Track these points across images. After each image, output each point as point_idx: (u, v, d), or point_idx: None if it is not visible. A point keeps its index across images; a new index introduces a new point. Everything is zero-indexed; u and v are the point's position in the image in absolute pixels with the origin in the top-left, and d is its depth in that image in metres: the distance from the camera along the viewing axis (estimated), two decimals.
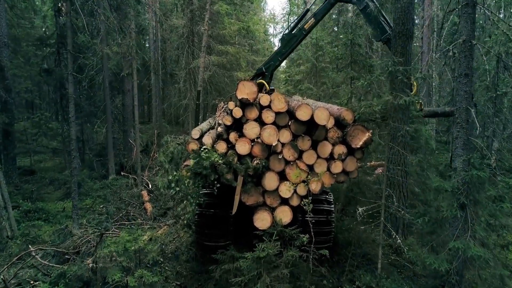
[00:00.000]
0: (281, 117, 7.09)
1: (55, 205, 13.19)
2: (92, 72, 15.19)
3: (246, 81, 7.03)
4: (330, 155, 7.25)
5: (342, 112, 7.09)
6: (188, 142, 7.18)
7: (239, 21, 22.96)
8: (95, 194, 13.97)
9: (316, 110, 6.67)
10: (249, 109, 7.11)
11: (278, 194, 7.22)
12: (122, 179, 16.02)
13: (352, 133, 7.05)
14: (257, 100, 7.16)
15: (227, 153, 7.03)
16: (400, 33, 9.09)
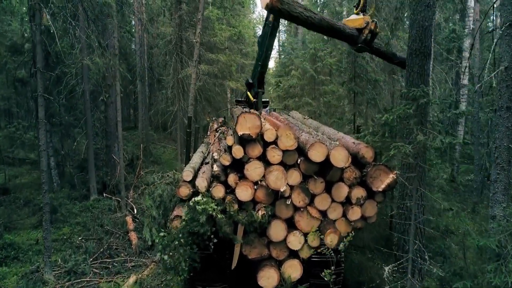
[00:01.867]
0: (289, 154, 5.99)
1: (29, 234, 11.82)
2: (72, 82, 13.83)
3: (248, 114, 5.91)
4: (346, 198, 6.20)
5: (361, 149, 6.03)
6: (179, 186, 6.02)
7: (230, 25, 21.83)
8: (73, 220, 12.63)
9: (332, 150, 5.59)
10: (251, 145, 6.00)
11: (285, 245, 6.13)
12: (104, 200, 14.68)
13: (373, 174, 6.00)
14: (260, 134, 6.05)
15: (225, 199, 5.90)
16: (417, 51, 8.08)
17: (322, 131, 8.34)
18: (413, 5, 8.02)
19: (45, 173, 8.30)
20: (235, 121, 5.88)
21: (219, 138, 8.22)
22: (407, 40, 8.42)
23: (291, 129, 6.37)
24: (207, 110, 21.87)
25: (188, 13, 17.18)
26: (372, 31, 8.68)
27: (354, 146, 6.22)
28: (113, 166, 16.30)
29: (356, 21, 8.62)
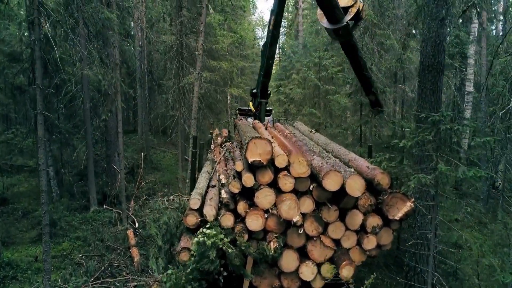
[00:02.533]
0: (301, 181, 5.72)
1: (27, 250, 11.52)
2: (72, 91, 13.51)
3: (258, 139, 5.62)
4: (361, 225, 5.93)
5: (377, 175, 5.75)
6: (186, 214, 5.73)
7: (231, 30, 21.55)
8: (73, 234, 12.32)
9: (348, 179, 5.32)
10: (262, 172, 5.71)
11: (297, 275, 5.85)
12: (105, 212, 14.38)
13: (389, 202, 5.73)
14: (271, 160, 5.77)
15: (235, 229, 5.62)
16: (429, 66, 7.82)
17: (331, 149, 8.08)
18: (426, 21, 7.76)
19: (45, 194, 8.00)
20: (245, 147, 5.60)
21: (225, 157, 7.93)
22: (419, 55, 8.14)
23: (304, 155, 6.07)
24: (208, 117, 21.61)
25: (190, 19, 16.88)
26: (359, 13, 8.25)
27: (368, 171, 5.94)
28: (113, 175, 16.00)
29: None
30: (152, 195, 16.01)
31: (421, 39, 7.99)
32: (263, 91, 13.06)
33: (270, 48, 11.93)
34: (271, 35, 11.69)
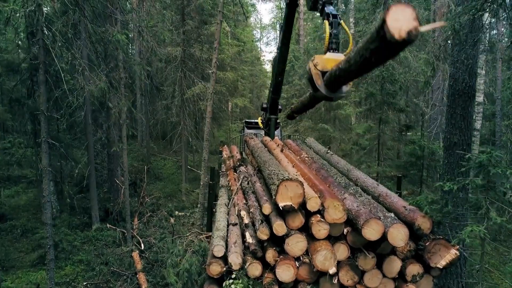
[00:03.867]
0: (335, 226, 5.24)
1: (28, 275, 10.97)
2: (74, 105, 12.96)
3: (289, 181, 5.13)
4: (399, 273, 5.45)
5: (417, 219, 5.27)
6: (210, 263, 5.23)
7: (234, 38, 21.07)
8: (76, 257, 11.79)
9: (390, 227, 4.84)
10: (292, 216, 5.22)
11: None
12: (107, 230, 13.84)
13: (431, 249, 5.26)
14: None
15: (263, 279, 5.13)
16: (460, 91, 7.38)
17: (355, 178, 7.59)
18: (457, 43, 7.32)
19: (49, 226, 7.47)
20: (275, 190, 5.09)
21: (243, 188, 7.43)
22: (448, 79, 7.70)
23: (333, 192, 5.59)
24: (212, 127, 21.10)
25: (194, 28, 16.36)
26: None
27: (406, 213, 5.46)
28: (116, 190, 15.46)
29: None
30: (156, 210, 15.51)
31: (450, 62, 7.54)
32: (273, 107, 12.61)
33: (279, 65, 11.47)
34: (280, 52, 11.22)
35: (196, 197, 17.30)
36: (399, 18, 4.10)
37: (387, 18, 3.79)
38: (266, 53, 77.44)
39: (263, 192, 6.25)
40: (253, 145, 9.74)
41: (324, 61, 6.53)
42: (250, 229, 5.63)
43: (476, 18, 6.03)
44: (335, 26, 6.56)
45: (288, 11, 10.59)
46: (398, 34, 3.72)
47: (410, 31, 3.57)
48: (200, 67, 16.52)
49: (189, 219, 15.38)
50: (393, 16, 4.00)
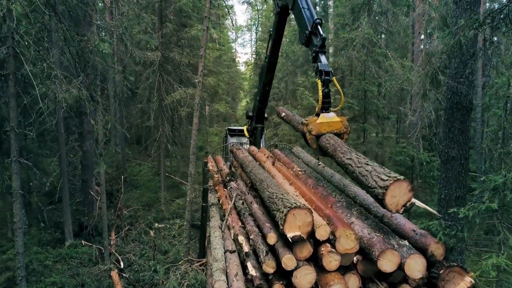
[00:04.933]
0: (346, 256, 4.87)
1: None
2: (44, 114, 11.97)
3: (298, 209, 4.71)
4: None
5: (430, 245, 4.98)
6: None
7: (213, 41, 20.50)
8: (48, 279, 10.86)
9: (408, 258, 4.52)
10: (300, 246, 4.79)
11: None
12: (82, 246, 12.93)
13: (445, 277, 5.00)
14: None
15: None
16: (458, 104, 7.25)
17: (353, 194, 7.28)
18: (457, 55, 7.16)
19: (21, 256, 6.68)
20: (282, 220, 4.66)
21: (237, 208, 6.95)
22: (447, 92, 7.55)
23: (339, 216, 5.22)
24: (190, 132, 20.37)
25: (174, 31, 15.69)
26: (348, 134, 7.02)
27: (417, 238, 5.16)
28: (91, 203, 14.52)
29: (333, 125, 6.10)
30: (135, 223, 14.70)
31: (449, 74, 7.39)
32: (259, 116, 12.22)
33: (267, 75, 11.08)
34: (268, 60, 10.84)
35: (177, 207, 16.62)
36: (395, 195, 4.14)
37: (385, 197, 3.78)
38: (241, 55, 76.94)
39: (263, 216, 5.80)
40: (242, 158, 9.27)
41: (318, 126, 6.25)
42: (252, 259, 5.16)
43: (481, 32, 5.88)
44: (327, 84, 6.35)
45: (278, 20, 10.17)
46: (395, 209, 3.85)
47: (405, 204, 3.69)
48: (180, 71, 15.86)
49: (169, 231, 14.70)
50: (390, 194, 4.01)
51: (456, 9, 7.13)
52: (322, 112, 6.25)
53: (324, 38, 6.64)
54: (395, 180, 4.10)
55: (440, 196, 7.64)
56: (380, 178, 4.30)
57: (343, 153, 5.27)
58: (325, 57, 6.72)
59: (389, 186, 4.11)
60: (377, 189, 4.21)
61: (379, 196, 4.18)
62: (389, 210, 4.21)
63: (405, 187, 4.15)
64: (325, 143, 5.89)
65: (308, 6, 7.57)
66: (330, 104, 6.39)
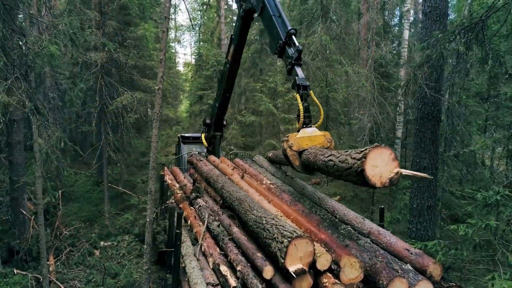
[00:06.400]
0: (350, 285, 4.50)
1: None
2: None
3: (299, 239, 4.22)
4: None
5: (429, 266, 4.83)
6: None
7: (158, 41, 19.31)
8: None
9: (416, 286, 4.27)
10: (300, 278, 4.32)
11: None
12: (13, 276, 11.12)
13: None
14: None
15: None
16: (429, 115, 7.35)
17: (331, 209, 6.99)
18: (425, 63, 7.23)
19: None
20: (284, 252, 4.14)
21: (212, 231, 6.28)
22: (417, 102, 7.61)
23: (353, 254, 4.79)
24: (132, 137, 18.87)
25: (118, 31, 14.37)
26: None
27: (413, 258, 4.97)
28: (22, 223, 12.63)
29: (315, 139, 5.80)
30: (77, 243, 13.10)
31: (419, 85, 7.44)
32: (218, 123, 11.62)
33: (228, 81, 10.57)
34: (230, 66, 10.33)
35: (123, 222, 15.24)
36: (377, 164, 3.48)
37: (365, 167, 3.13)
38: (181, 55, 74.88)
39: (249, 243, 5.22)
40: (207, 171, 8.57)
41: (299, 140, 5.90)
42: None
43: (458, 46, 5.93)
44: (305, 98, 6.12)
45: (241, 24, 9.65)
46: (380, 182, 3.15)
47: (392, 177, 3.06)
48: (126, 74, 14.56)
49: (117, 250, 13.35)
50: (371, 163, 3.36)
51: (426, 20, 7.27)
52: (303, 127, 5.96)
53: (300, 50, 6.32)
54: (374, 147, 3.69)
55: (412, 205, 7.73)
56: (356, 153, 3.88)
57: (323, 154, 4.91)
58: (301, 70, 6.42)
59: (368, 153, 3.63)
60: (356, 163, 3.74)
61: (358, 169, 3.64)
62: (373, 184, 3.62)
63: (387, 155, 3.64)
64: (307, 155, 5.54)
65: (280, 13, 7.15)
66: (311, 118, 6.13)
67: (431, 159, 7.26)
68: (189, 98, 40.23)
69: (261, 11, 7.56)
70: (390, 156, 3.77)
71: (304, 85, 6.03)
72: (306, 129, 6.01)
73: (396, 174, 3.72)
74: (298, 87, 6.05)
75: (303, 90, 6.04)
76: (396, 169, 3.74)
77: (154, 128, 7.89)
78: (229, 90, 10.80)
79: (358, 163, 3.77)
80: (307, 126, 6.05)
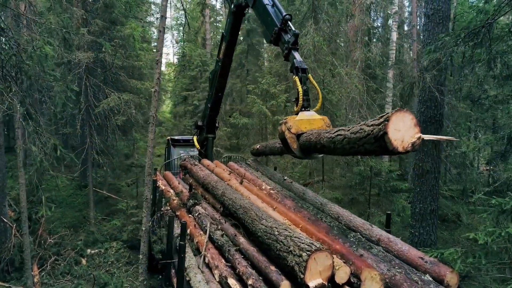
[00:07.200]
0: None
1: None
2: None
3: (319, 252, 4.00)
4: None
5: (446, 275, 4.71)
6: None
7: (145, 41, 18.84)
8: None
9: None
10: None
11: None
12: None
13: None
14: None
15: None
16: (432, 118, 7.28)
17: (335, 214, 6.80)
18: (427, 67, 7.16)
19: None
20: (303, 267, 3.91)
21: (216, 242, 5.99)
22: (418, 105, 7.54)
23: (373, 266, 4.59)
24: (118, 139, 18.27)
25: (104, 29, 13.85)
26: None
27: (428, 267, 4.84)
28: (3, 232, 11.98)
29: (314, 122, 5.63)
30: (62, 251, 12.52)
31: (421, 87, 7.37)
32: (211, 125, 11.34)
33: (220, 80, 10.31)
34: (222, 64, 10.08)
35: (110, 228, 14.72)
36: (399, 128, 3.29)
37: (388, 129, 2.92)
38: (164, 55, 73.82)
39: (260, 255, 4.97)
40: (204, 176, 8.27)
41: (298, 123, 5.67)
42: None
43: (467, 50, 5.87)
44: (305, 81, 5.94)
45: (233, 20, 9.44)
46: (402, 147, 2.93)
47: (414, 142, 2.89)
48: (112, 74, 14.06)
49: (105, 257, 12.86)
50: (393, 127, 3.17)
51: (429, 22, 7.22)
52: (301, 110, 5.82)
53: (297, 34, 6.18)
54: (397, 110, 3.54)
55: (415, 210, 7.66)
56: (376, 119, 3.70)
57: (329, 132, 4.66)
58: (298, 54, 6.27)
59: (391, 117, 3.48)
60: (375, 129, 3.56)
61: (379, 133, 3.43)
62: (395, 149, 3.45)
63: (409, 120, 3.50)
64: (307, 136, 5.31)
65: (274, 2, 7.00)
66: (310, 102, 5.99)
67: (434, 163, 7.21)
68: (172, 99, 39.51)
69: (254, 2, 7.42)
70: (412, 121, 3.58)
71: (302, 68, 5.90)
72: (305, 112, 5.85)
73: (418, 139, 3.56)
74: (296, 69, 5.91)
75: (302, 73, 5.89)
76: (418, 134, 3.57)
77: (150, 133, 7.53)
78: (221, 90, 10.54)
79: (378, 128, 3.55)
80: (306, 110, 5.89)
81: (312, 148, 5.16)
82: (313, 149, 5.20)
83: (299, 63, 5.87)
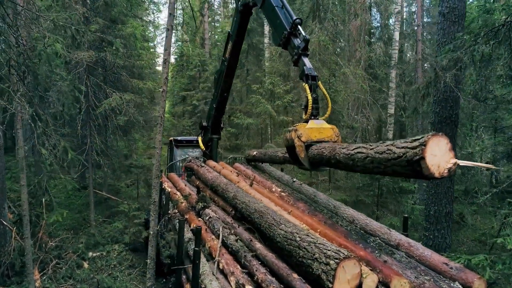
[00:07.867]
0: None
1: None
2: None
3: (347, 260, 3.82)
4: None
5: (474, 282, 4.54)
6: None
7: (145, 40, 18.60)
8: None
9: None
10: None
11: None
12: None
13: None
14: None
15: None
16: (447, 119, 7.12)
17: (350, 217, 6.64)
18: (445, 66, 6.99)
19: None
20: (332, 276, 3.73)
21: (228, 246, 5.80)
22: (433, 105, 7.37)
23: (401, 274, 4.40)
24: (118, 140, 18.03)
25: (105, 28, 13.61)
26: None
27: (454, 273, 4.67)
28: (3, 235, 11.69)
29: (324, 131, 5.50)
30: (63, 255, 12.25)
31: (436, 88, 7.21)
32: (216, 126, 11.15)
33: (226, 80, 10.12)
34: (227, 64, 9.90)
35: (112, 230, 14.46)
36: (435, 153, 3.14)
37: (425, 155, 2.78)
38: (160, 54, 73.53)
39: (281, 262, 4.78)
40: (212, 178, 8.06)
41: (308, 131, 5.48)
42: None
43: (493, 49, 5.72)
44: (314, 89, 5.79)
45: (240, 19, 9.26)
46: (438, 173, 2.75)
47: (450, 168, 2.74)
48: (113, 74, 13.82)
49: (107, 260, 12.61)
50: (430, 152, 3.01)
51: (444, 21, 7.06)
52: (311, 119, 5.68)
53: (307, 40, 6.02)
54: (433, 135, 3.38)
55: (429, 212, 7.51)
56: (409, 142, 3.53)
57: (346, 147, 4.47)
58: (308, 60, 6.12)
59: (428, 141, 3.33)
60: (409, 151, 3.37)
61: (415, 158, 3.28)
62: (431, 174, 3.31)
63: (444, 144, 3.37)
64: (318, 149, 5.14)
65: (283, 3, 6.84)
66: (319, 110, 5.85)
67: None
68: (170, 99, 39.25)
69: (262, 2, 7.25)
70: (447, 145, 3.42)
71: (312, 75, 5.74)
72: (315, 121, 5.70)
73: (454, 164, 3.40)
74: (306, 77, 5.76)
75: (312, 80, 5.74)
76: (453, 159, 3.41)
77: (158, 134, 7.34)
78: (227, 90, 10.36)
79: (413, 152, 3.38)
80: (315, 118, 5.74)
81: (324, 162, 4.99)
82: (325, 163, 5.03)
83: (309, 70, 5.71)
